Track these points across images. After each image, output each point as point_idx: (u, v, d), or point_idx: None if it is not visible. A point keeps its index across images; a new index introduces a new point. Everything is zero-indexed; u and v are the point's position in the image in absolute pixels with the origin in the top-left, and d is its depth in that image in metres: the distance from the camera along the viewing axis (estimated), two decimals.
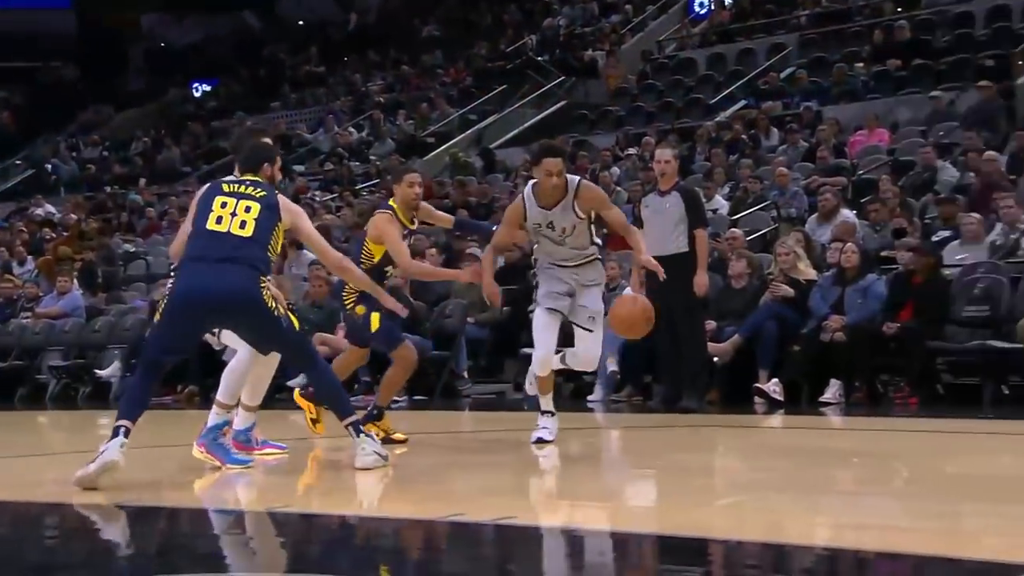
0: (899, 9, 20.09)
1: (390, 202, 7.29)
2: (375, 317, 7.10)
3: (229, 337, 6.31)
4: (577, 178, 6.82)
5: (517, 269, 12.72)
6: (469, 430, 7.75)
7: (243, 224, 5.75)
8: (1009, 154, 13.09)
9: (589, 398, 10.75)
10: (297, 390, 7.46)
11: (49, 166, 26.74)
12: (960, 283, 10.04)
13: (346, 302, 7.16)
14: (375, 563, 4.32)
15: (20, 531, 5.26)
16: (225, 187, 5.93)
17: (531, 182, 6.83)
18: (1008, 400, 9.53)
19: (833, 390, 9.67)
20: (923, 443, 7.56)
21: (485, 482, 6.23)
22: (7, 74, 33.36)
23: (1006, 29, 17.77)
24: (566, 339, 7.07)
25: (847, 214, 12.10)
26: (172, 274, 6.81)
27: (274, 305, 5.78)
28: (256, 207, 5.69)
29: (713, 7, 22.95)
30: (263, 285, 5.73)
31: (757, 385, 9.87)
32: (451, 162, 19.50)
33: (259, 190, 5.78)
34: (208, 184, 6.28)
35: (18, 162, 28.12)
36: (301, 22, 34.80)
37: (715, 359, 10.01)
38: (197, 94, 32.43)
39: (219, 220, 5.75)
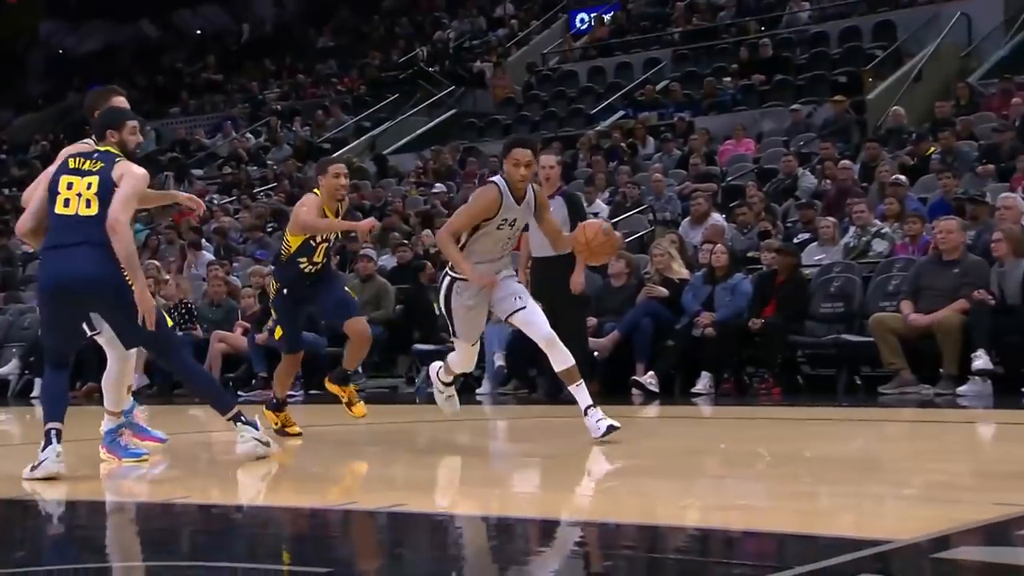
0: (762, 28, 20.45)
1: (315, 190, 7.12)
2: (278, 329, 7.20)
3: (105, 336, 6.11)
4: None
5: (408, 269, 12.70)
6: (363, 423, 7.74)
7: (88, 203, 5.51)
8: (861, 163, 13.40)
9: (477, 391, 10.76)
10: (326, 377, 7.48)
11: None
12: (818, 281, 10.28)
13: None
14: (271, 551, 4.30)
15: None
16: (71, 163, 5.63)
17: (498, 177, 6.41)
18: (860, 389, 9.78)
19: (704, 382, 9.84)
20: (784, 430, 7.74)
21: (377, 472, 6.21)
22: None
23: (857, 48, 18.20)
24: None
25: (717, 218, 12.24)
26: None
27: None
28: (95, 182, 5.39)
29: (593, 23, 23.17)
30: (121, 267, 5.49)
31: (635, 378, 9.97)
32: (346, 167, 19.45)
33: (98, 162, 5.46)
34: (56, 163, 5.88)
35: None
36: (199, 31, 34.32)
37: (595, 353, 10.04)
38: None
39: (66, 203, 5.50)
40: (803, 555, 3.59)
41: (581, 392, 6.38)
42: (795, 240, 11.82)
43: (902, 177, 12.42)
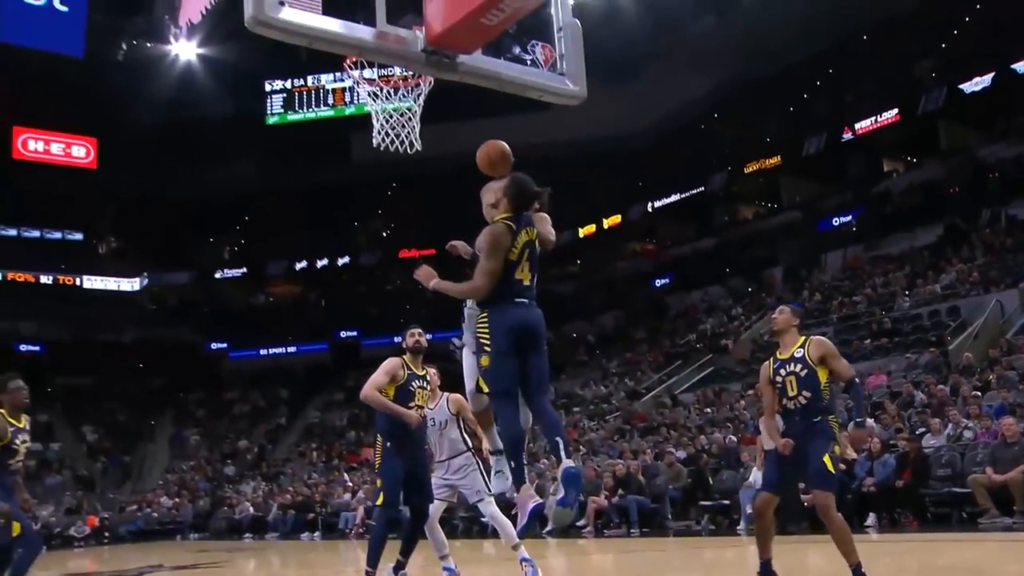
0: (883, 313, 24.06)
1: None
2: None
3: None
4: None
5: None
6: None
7: None
8: (950, 386, 16.43)
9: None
10: None
11: None
12: (934, 457, 12.92)
13: None
14: None
15: None
16: None
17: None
18: (965, 520, 12.03)
19: (871, 519, 12.64)
20: (926, 544, 10.09)
21: None
22: None
23: (940, 321, 22.93)
24: None
25: (870, 422, 14.22)
26: None
27: None
28: None
29: None
30: None
31: None
32: None
33: None
34: None
35: None
36: None
37: (804, 503, 11.77)
38: None
39: None
40: None
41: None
42: (916, 432, 14.01)
43: (977, 393, 15.21)
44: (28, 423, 7.07)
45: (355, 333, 46.68)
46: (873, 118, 34.03)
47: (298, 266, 50.81)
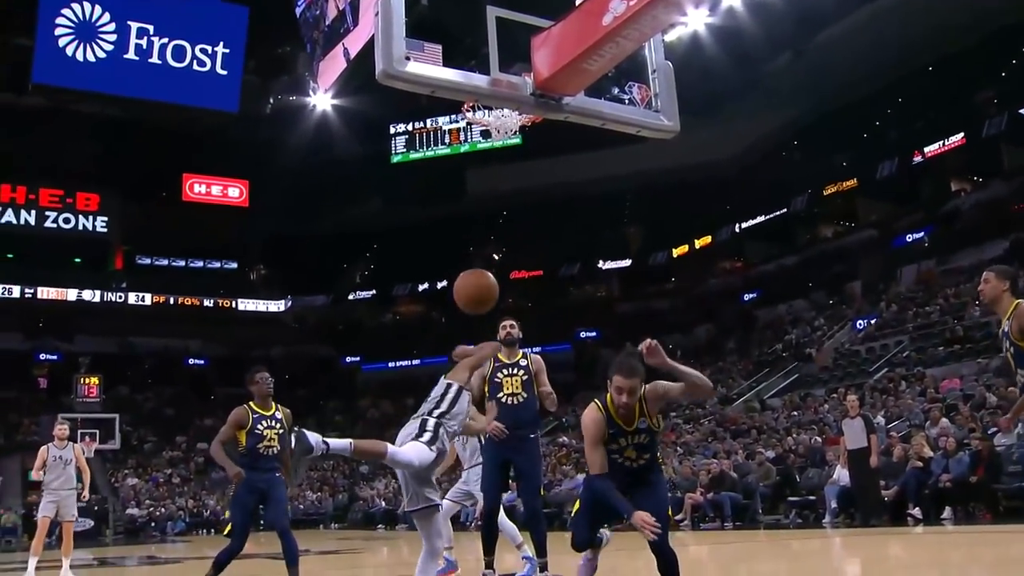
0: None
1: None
2: None
3: None
4: None
5: None
6: None
7: None
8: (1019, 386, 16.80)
9: None
10: None
11: None
12: (1005, 455, 12.84)
13: None
14: None
15: None
16: None
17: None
18: None
19: (947, 512, 12.65)
20: (1002, 535, 10.36)
21: None
22: None
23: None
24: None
25: (945, 422, 14.68)
26: None
27: None
28: None
29: None
30: None
31: (908, 512, 12.63)
32: None
33: None
34: None
35: None
36: None
37: (886, 498, 12.76)
38: None
39: None
40: None
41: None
42: (989, 432, 13.90)
43: None
44: (279, 410, 7.13)
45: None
46: (941, 142, 33.83)
47: (420, 288, 52.09)
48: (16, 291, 45.12)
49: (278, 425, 7.13)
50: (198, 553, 17.42)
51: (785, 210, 40.15)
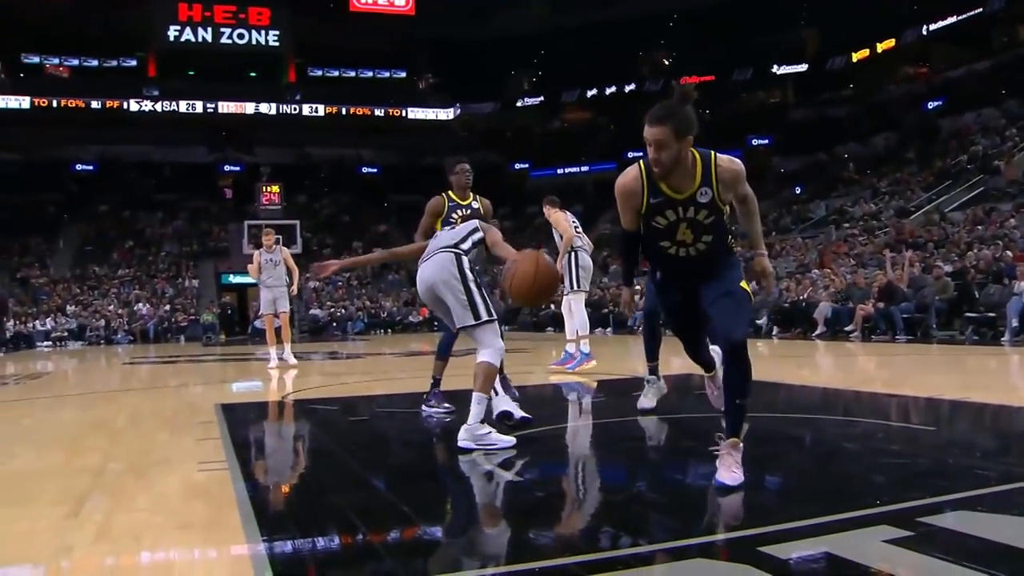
0: None
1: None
2: None
3: None
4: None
5: None
6: None
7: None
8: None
9: None
10: None
11: None
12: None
13: None
14: None
15: None
16: None
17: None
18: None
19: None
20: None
21: None
22: None
23: None
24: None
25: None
26: None
27: None
28: None
29: None
30: None
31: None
32: None
33: None
34: None
35: None
36: None
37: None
38: None
39: None
40: None
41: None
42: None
43: None
44: (476, 199, 7.15)
45: (640, 154, 46.51)
46: None
47: (589, 94, 51.91)
48: (199, 106, 47.41)
49: (473, 215, 7.15)
50: (375, 350, 18.53)
51: (980, 9, 37.02)
